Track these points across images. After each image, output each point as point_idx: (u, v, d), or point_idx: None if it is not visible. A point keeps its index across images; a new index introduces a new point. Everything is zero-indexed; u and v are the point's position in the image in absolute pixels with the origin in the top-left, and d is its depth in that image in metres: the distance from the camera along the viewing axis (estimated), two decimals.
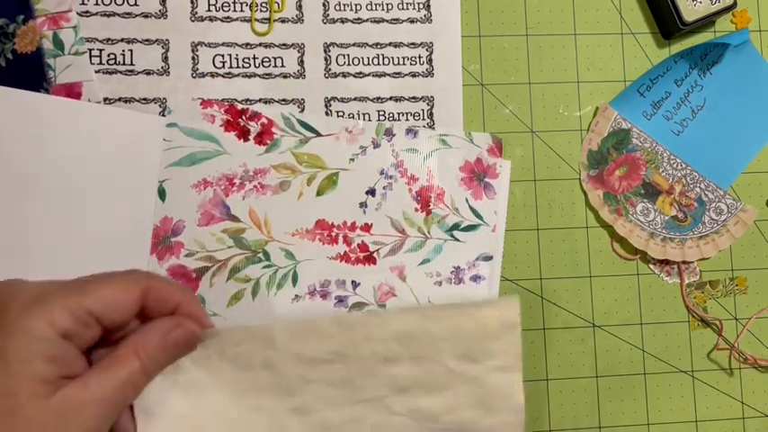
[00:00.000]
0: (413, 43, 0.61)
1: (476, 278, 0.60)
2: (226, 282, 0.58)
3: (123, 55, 0.59)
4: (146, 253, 0.58)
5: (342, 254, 0.59)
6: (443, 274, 0.60)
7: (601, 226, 0.63)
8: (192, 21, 0.60)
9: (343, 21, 0.61)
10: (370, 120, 0.60)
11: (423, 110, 0.61)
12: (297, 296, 0.59)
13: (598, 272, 0.62)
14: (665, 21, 0.63)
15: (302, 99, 0.60)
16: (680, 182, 0.63)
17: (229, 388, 0.40)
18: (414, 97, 0.61)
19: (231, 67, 0.60)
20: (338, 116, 0.60)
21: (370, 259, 0.59)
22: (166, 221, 0.58)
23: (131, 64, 0.59)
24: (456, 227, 0.60)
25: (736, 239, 0.62)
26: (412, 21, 0.61)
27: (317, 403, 0.41)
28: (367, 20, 0.61)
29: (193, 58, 0.59)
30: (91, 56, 0.58)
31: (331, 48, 0.61)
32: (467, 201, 0.60)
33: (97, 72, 0.58)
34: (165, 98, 0.59)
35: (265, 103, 0.60)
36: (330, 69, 0.61)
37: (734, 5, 0.62)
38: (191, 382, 0.39)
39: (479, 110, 0.62)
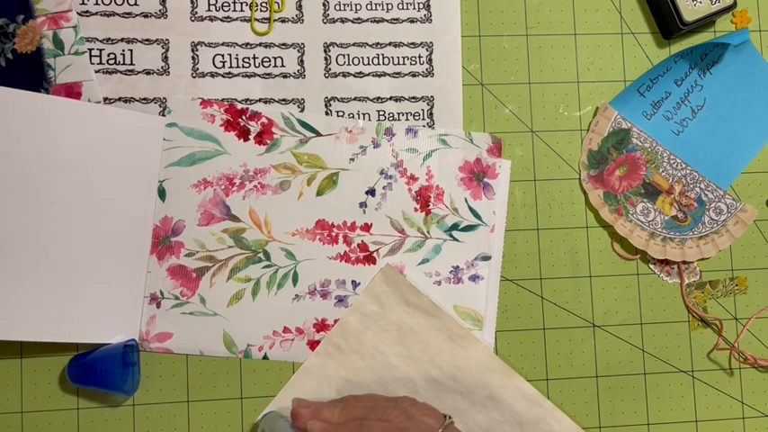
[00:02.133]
0: (413, 43, 0.61)
1: (474, 278, 0.60)
2: (226, 281, 0.58)
3: (123, 55, 0.59)
4: (146, 253, 0.58)
5: (342, 254, 0.59)
6: (442, 273, 0.60)
7: (601, 226, 0.62)
8: (192, 21, 0.60)
9: (343, 20, 0.61)
10: (369, 120, 0.60)
11: (423, 110, 0.61)
12: (297, 296, 0.59)
13: (598, 272, 0.62)
14: (665, 21, 0.63)
15: (302, 99, 0.60)
16: (680, 182, 0.62)
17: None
18: (414, 97, 0.61)
19: (231, 66, 0.60)
20: (338, 116, 0.60)
21: (369, 259, 0.59)
22: (166, 221, 0.58)
23: (131, 64, 0.59)
24: (455, 227, 0.60)
25: (736, 239, 0.62)
26: (412, 21, 0.61)
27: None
28: (367, 20, 0.61)
29: (193, 58, 0.59)
30: (91, 56, 0.58)
31: (331, 48, 0.61)
32: (466, 201, 0.60)
33: (97, 72, 0.58)
34: (165, 98, 0.59)
35: (265, 102, 0.60)
36: (330, 69, 0.61)
37: (734, 5, 0.62)
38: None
39: (479, 110, 0.62)
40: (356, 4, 0.61)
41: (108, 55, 0.59)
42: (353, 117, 0.60)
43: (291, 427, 0.52)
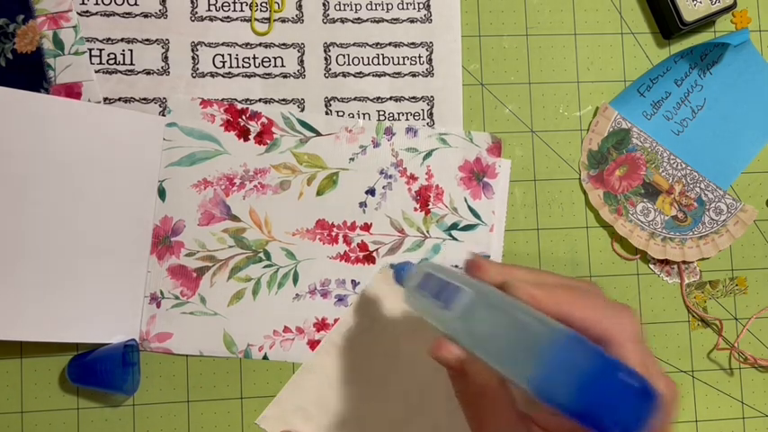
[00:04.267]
0: (413, 43, 0.61)
1: None
2: (226, 281, 0.58)
3: (123, 55, 0.59)
4: (146, 253, 0.58)
5: (342, 253, 0.59)
6: None
7: (601, 226, 0.62)
8: (192, 20, 0.60)
9: (343, 21, 0.61)
10: (369, 119, 0.60)
11: (423, 110, 0.61)
12: (297, 295, 0.59)
13: (598, 272, 0.62)
14: (665, 21, 0.63)
15: (302, 99, 0.60)
16: (680, 182, 0.62)
17: None
18: (414, 97, 0.61)
19: (231, 66, 0.60)
20: (338, 116, 0.60)
21: (369, 259, 0.59)
22: (166, 221, 0.58)
23: (131, 64, 0.59)
24: (454, 226, 0.60)
25: (736, 239, 0.62)
26: (412, 21, 0.61)
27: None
28: (367, 20, 0.61)
29: (193, 58, 0.59)
30: (91, 56, 0.58)
31: (331, 48, 0.61)
32: (465, 200, 0.60)
33: (97, 72, 0.58)
34: (165, 98, 0.59)
35: (265, 102, 0.60)
36: (330, 69, 0.61)
37: (734, 5, 0.62)
38: None
39: (479, 110, 0.62)
40: (356, 4, 0.61)
41: (108, 55, 0.59)
42: (353, 117, 0.60)
43: (466, 272, 0.42)
